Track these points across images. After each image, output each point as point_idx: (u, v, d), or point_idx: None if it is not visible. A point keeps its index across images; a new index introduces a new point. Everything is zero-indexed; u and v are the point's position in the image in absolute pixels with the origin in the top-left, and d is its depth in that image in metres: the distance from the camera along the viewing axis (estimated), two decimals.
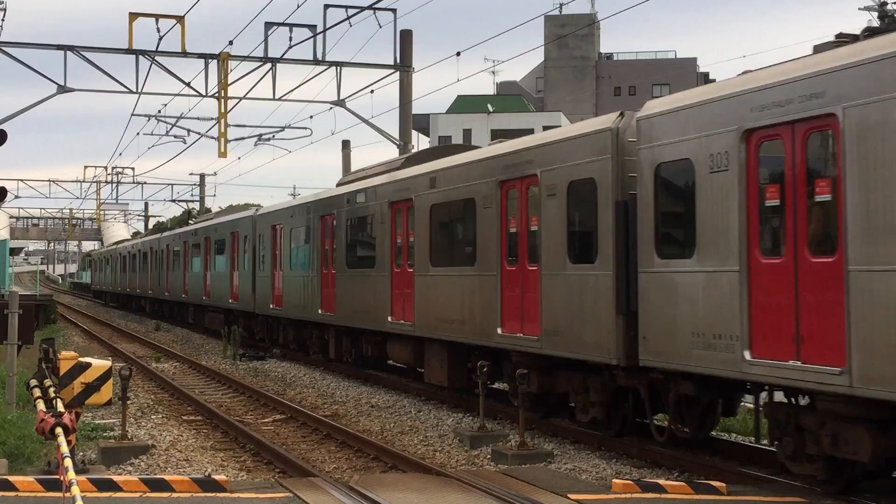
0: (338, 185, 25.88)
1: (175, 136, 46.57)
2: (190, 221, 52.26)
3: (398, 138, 31.74)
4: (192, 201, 75.23)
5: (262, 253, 30.17)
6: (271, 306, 28.93)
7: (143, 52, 30.13)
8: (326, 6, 29.54)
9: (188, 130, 46.31)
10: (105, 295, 76.03)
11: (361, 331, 22.39)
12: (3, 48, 29.61)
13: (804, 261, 9.94)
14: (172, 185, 76.94)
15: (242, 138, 44.48)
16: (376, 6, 27.79)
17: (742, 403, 13.87)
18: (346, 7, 28.87)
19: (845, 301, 9.35)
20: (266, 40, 30.19)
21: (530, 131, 49.75)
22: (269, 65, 30.90)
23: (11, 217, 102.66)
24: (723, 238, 11.02)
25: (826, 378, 9.63)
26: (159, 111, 44.50)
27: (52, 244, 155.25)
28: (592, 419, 14.32)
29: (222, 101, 30.39)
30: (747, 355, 10.66)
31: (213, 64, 30.47)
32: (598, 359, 13.41)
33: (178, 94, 33.17)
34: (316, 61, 30.77)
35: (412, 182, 19.33)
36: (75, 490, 7.41)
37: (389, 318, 20.17)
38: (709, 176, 11.20)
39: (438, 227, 18.49)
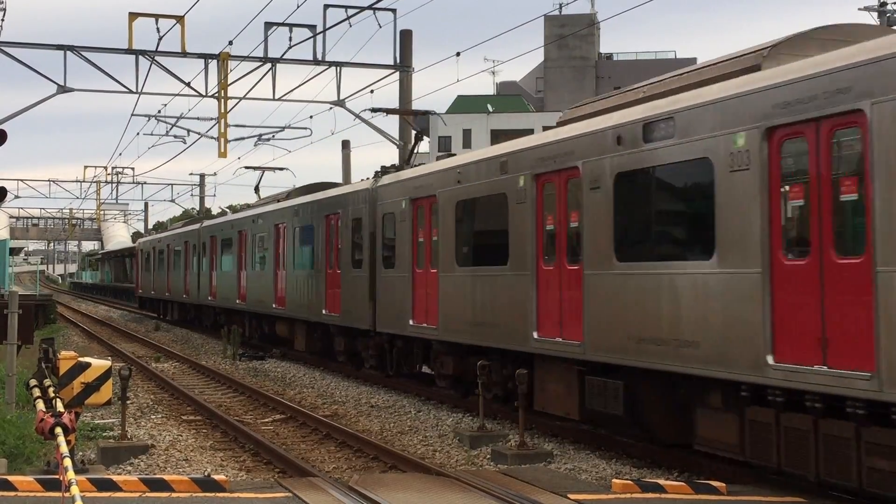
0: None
1: (175, 136, 46.64)
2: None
3: (398, 138, 31.75)
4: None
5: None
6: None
7: (143, 52, 30.13)
8: (326, 6, 29.55)
9: (188, 130, 46.39)
10: (168, 307, 48.96)
11: None
12: (3, 48, 29.61)
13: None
14: (172, 185, 77.05)
15: (242, 138, 44.56)
16: (376, 6, 27.80)
17: None
18: (346, 7, 28.90)
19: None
20: (266, 40, 30.21)
21: (530, 131, 49.79)
22: (268, 65, 30.90)
23: (11, 217, 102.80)
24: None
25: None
26: (159, 111, 44.61)
27: (51, 244, 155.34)
28: None
29: (222, 101, 30.40)
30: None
31: (213, 64, 30.49)
32: None
33: (177, 95, 33.19)
34: (316, 61, 30.78)
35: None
36: (75, 490, 7.40)
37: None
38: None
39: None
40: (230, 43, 30.82)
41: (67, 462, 8.14)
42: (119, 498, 10.11)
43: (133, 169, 74.51)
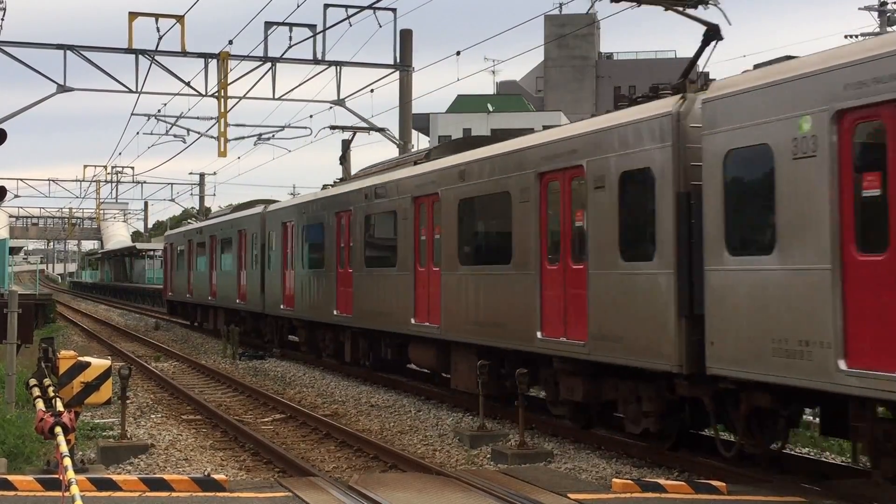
0: None
1: (175, 136, 46.70)
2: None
3: (398, 138, 31.75)
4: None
5: None
6: None
7: (143, 52, 30.14)
8: (326, 6, 29.58)
9: (188, 130, 46.46)
10: (211, 315, 37.67)
11: None
12: (3, 48, 29.62)
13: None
14: (172, 184, 77.00)
15: (242, 138, 44.63)
16: (376, 6, 27.82)
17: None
18: (346, 7, 28.93)
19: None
20: (266, 40, 30.24)
21: (530, 131, 49.59)
22: (268, 64, 30.93)
23: (11, 216, 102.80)
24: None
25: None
26: (159, 111, 44.60)
27: (51, 243, 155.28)
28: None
29: (222, 100, 30.42)
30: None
31: (213, 63, 30.52)
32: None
33: (177, 94, 33.23)
34: (316, 61, 30.80)
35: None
36: (74, 489, 7.40)
37: None
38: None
39: None
40: (230, 42, 30.90)
41: (67, 461, 8.13)
42: (119, 497, 10.10)
43: (133, 168, 74.36)
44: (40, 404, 11.10)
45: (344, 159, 28.79)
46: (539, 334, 14.66)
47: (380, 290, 20.85)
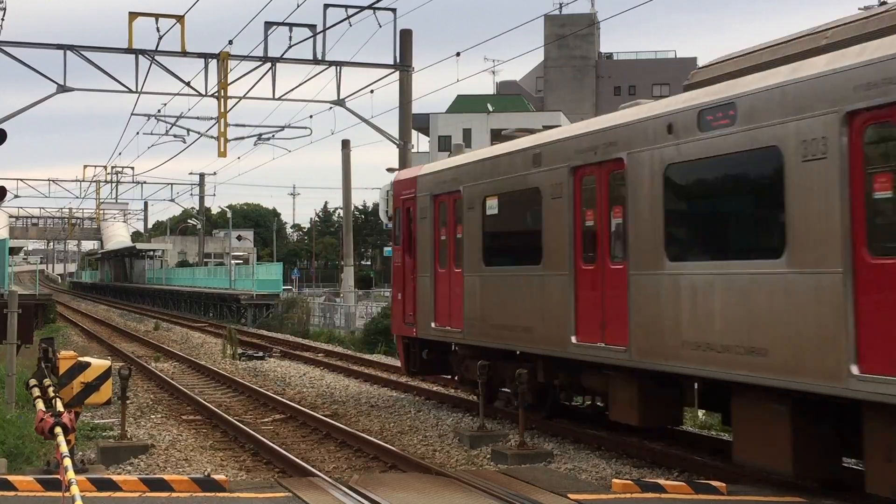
0: None
1: (175, 136, 46.73)
2: None
3: (398, 138, 31.76)
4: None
5: None
6: None
7: (143, 52, 30.17)
8: (326, 6, 29.61)
9: (188, 130, 46.50)
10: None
11: None
12: (3, 48, 29.64)
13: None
14: (172, 184, 77.11)
15: (242, 138, 44.68)
16: (376, 6, 27.85)
17: None
18: (346, 7, 28.97)
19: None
20: (266, 40, 30.27)
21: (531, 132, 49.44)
22: (268, 64, 30.95)
23: (11, 216, 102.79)
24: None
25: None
26: (159, 111, 44.66)
27: (51, 244, 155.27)
28: None
29: (222, 100, 30.45)
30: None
31: (213, 63, 30.55)
32: None
33: (177, 94, 33.28)
34: (316, 61, 30.82)
35: None
36: (74, 489, 7.40)
37: None
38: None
39: None
40: (230, 42, 30.97)
41: (67, 462, 8.13)
42: (119, 498, 10.10)
43: (133, 168, 74.49)
44: (40, 404, 11.09)
45: None
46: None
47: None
